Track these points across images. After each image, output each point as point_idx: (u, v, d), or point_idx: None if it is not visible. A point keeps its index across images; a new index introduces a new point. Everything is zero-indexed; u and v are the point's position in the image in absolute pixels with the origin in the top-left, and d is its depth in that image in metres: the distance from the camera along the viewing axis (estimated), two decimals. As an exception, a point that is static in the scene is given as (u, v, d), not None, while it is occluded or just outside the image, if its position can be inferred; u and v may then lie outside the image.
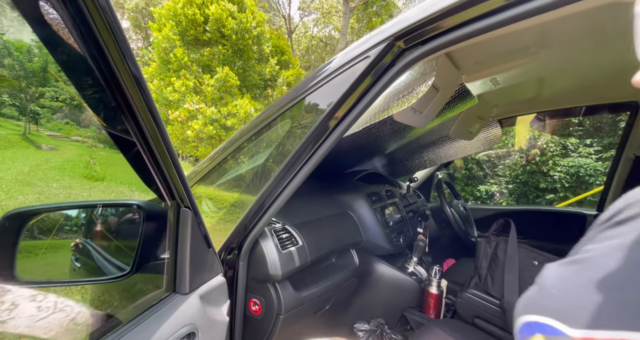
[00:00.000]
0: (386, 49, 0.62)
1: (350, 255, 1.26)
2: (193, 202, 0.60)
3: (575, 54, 0.87)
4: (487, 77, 1.02)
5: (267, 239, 0.88)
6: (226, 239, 0.85)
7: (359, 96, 0.67)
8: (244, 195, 0.89)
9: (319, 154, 0.74)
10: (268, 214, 0.81)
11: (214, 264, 0.73)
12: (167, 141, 0.47)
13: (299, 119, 0.76)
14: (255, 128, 0.84)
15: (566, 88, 1.17)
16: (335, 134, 0.71)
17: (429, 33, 0.59)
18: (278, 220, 0.99)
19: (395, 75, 0.64)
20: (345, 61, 0.67)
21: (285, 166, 0.76)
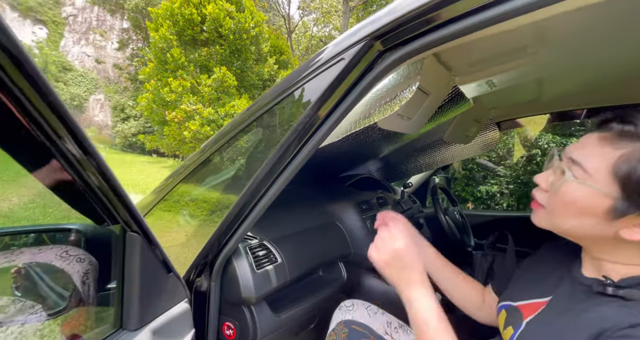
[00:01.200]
0: (363, 51, 0.55)
1: (338, 268, 1.19)
2: (142, 226, 0.52)
3: (576, 55, 0.80)
4: (483, 79, 0.95)
5: (241, 258, 0.81)
6: (195, 256, 0.78)
7: (335, 103, 0.60)
8: (217, 207, 0.81)
9: (294, 165, 0.66)
10: (242, 229, 0.74)
11: (175, 291, 0.66)
12: (93, 152, 0.40)
13: (270, 128, 0.69)
14: (229, 134, 0.77)
15: (567, 90, 1.10)
16: (311, 144, 0.64)
17: (409, 32, 0.51)
18: (255, 235, 0.92)
19: (374, 80, 0.57)
20: (318, 64, 0.60)
21: (258, 178, 0.69)
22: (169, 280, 0.63)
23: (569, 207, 0.47)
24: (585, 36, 0.69)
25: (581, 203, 0.45)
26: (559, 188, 0.48)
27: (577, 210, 0.46)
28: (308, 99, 0.61)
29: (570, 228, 0.48)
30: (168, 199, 0.94)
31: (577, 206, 0.45)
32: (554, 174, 0.50)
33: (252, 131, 0.72)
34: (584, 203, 0.45)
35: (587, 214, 0.45)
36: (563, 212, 0.48)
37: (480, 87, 1.03)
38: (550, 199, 0.50)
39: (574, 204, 0.46)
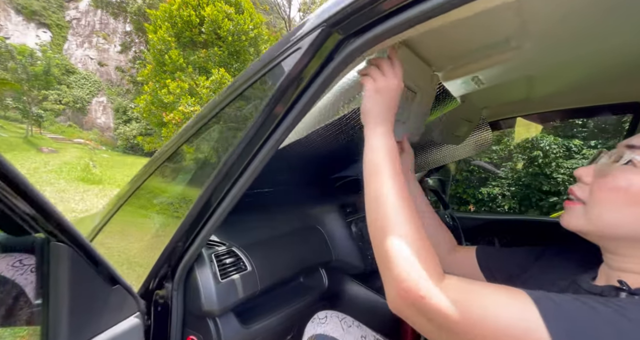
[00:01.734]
0: (320, 39, 0.49)
1: (320, 275, 1.13)
2: (72, 235, 0.47)
3: (563, 50, 0.74)
4: (468, 75, 0.88)
5: (204, 266, 0.75)
6: (153, 265, 0.72)
7: (295, 98, 0.54)
8: (177, 210, 0.76)
9: (253, 166, 0.61)
10: (202, 235, 0.68)
11: (122, 305, 0.61)
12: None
13: (227, 127, 0.63)
14: (189, 132, 0.72)
15: (560, 88, 1.03)
16: (270, 142, 0.58)
17: (368, 18, 0.46)
18: (224, 241, 0.86)
19: (335, 71, 0.51)
20: (275, 55, 0.54)
21: (215, 181, 0.63)
22: (113, 294, 0.58)
23: (620, 195, 0.40)
24: (571, 30, 0.63)
25: (638, 188, 0.39)
26: (609, 172, 0.42)
27: (630, 198, 0.39)
28: (265, 94, 0.55)
29: (613, 221, 0.41)
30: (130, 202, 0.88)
31: (631, 193, 0.39)
32: (603, 164, 0.45)
33: (211, 129, 0.67)
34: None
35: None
36: (610, 201, 0.41)
37: (466, 85, 0.97)
38: (595, 188, 0.43)
39: (627, 189, 0.40)
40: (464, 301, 0.36)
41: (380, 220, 0.45)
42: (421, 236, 0.43)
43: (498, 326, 0.33)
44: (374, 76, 0.51)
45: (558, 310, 0.32)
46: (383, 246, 0.43)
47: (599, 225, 0.43)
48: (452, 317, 0.36)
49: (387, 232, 0.43)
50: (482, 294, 0.37)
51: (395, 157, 0.48)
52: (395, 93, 0.52)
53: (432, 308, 0.37)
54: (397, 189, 0.45)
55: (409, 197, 0.46)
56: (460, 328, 0.36)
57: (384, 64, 0.52)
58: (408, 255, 0.40)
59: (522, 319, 0.33)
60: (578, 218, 0.46)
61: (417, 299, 0.38)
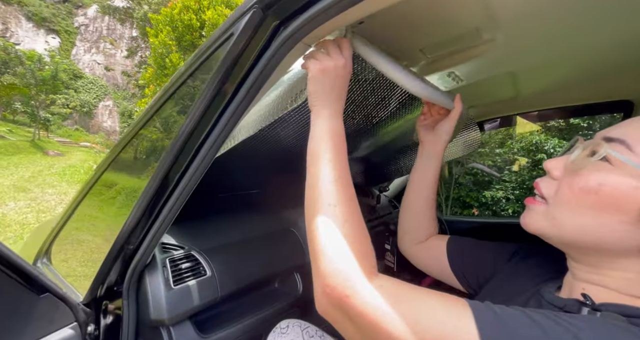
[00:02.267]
0: (252, 23, 0.45)
1: (294, 280, 1.08)
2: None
3: (546, 47, 0.68)
4: (443, 71, 0.83)
5: (155, 272, 0.70)
6: (98, 270, 0.68)
7: (233, 90, 0.50)
8: (123, 206, 0.71)
9: (194, 166, 0.56)
10: (151, 235, 0.63)
11: (54, 315, 0.56)
12: None
13: (167, 124, 0.59)
14: (133, 131, 0.68)
15: (546, 86, 0.98)
16: (211, 138, 0.54)
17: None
18: (184, 244, 0.82)
19: (273, 61, 0.47)
20: (208, 44, 0.50)
21: (154, 184, 0.59)
22: (41, 303, 0.53)
23: (589, 197, 0.34)
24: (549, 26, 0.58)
25: (610, 191, 0.33)
26: (581, 169, 0.36)
27: (600, 202, 0.34)
28: (199, 89, 0.51)
29: (576, 227, 0.36)
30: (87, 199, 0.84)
31: (602, 196, 0.33)
32: (576, 157, 0.38)
33: (151, 127, 0.63)
34: (615, 192, 0.33)
35: (614, 210, 0.33)
36: (577, 203, 0.35)
37: (444, 81, 0.92)
38: (563, 185, 0.38)
39: (599, 191, 0.34)
40: (394, 306, 0.32)
41: (313, 210, 0.41)
42: (356, 230, 0.39)
43: (429, 337, 0.29)
44: (318, 57, 0.47)
45: (498, 327, 0.29)
46: (313, 238, 0.39)
47: (560, 230, 0.38)
48: (378, 323, 0.31)
49: (318, 224, 0.39)
50: (416, 300, 0.33)
51: (339, 141, 0.45)
52: (342, 73, 0.48)
53: (357, 310, 0.33)
54: (335, 177, 0.41)
55: (349, 186, 0.42)
56: (385, 337, 0.31)
57: (329, 44, 0.49)
58: (337, 250, 0.36)
59: (457, 333, 0.29)
60: (538, 219, 0.41)
61: (342, 298, 0.34)
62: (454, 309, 0.31)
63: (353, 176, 1.60)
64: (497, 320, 0.29)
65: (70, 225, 0.86)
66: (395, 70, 0.53)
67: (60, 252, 0.92)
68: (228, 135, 0.54)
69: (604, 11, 0.53)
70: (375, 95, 0.96)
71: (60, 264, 0.92)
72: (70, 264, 0.92)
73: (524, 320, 0.29)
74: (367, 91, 0.92)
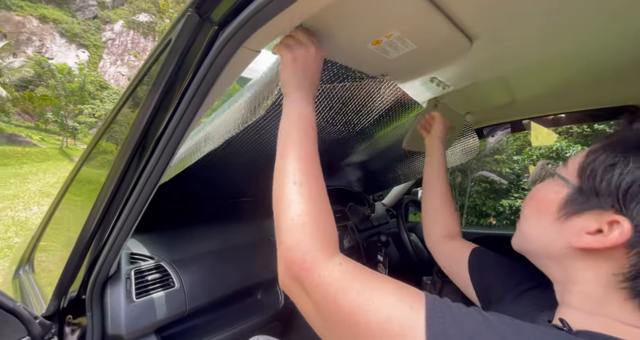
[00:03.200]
0: (188, 27, 0.43)
1: (276, 292, 1.03)
2: None
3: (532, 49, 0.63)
4: (423, 76, 0.79)
5: (116, 283, 0.69)
6: (57, 282, 0.67)
7: (178, 100, 0.48)
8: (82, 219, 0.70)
9: (145, 174, 0.54)
10: (109, 244, 0.61)
11: (2, 330, 0.55)
12: None
13: (120, 131, 0.58)
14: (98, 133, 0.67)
15: (543, 91, 0.91)
16: (158, 150, 0.52)
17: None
18: (155, 254, 0.80)
19: (213, 68, 0.44)
20: (152, 50, 0.48)
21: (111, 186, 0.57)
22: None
23: (531, 204, 0.42)
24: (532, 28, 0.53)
25: (542, 195, 0.41)
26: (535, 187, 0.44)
27: (536, 205, 0.41)
28: (145, 96, 0.49)
29: (528, 231, 0.42)
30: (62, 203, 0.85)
31: (537, 200, 0.41)
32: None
33: (110, 132, 0.62)
34: (544, 195, 0.40)
35: (544, 210, 0.39)
36: (528, 211, 0.43)
37: (428, 87, 0.87)
38: (524, 203, 0.45)
39: (535, 197, 0.42)
40: (349, 282, 0.33)
41: (279, 189, 0.42)
42: (320, 209, 0.40)
43: (376, 319, 0.30)
44: (291, 44, 0.47)
45: (448, 322, 0.28)
46: (278, 215, 0.40)
47: (524, 239, 0.43)
48: (331, 297, 0.32)
49: (283, 201, 0.40)
50: (372, 281, 0.34)
51: (308, 124, 0.45)
52: (313, 61, 0.49)
53: (314, 283, 0.34)
54: (301, 156, 0.42)
55: (314, 168, 0.43)
56: (335, 314, 0.32)
57: (300, 32, 0.48)
58: (299, 226, 0.37)
59: (404, 320, 0.29)
60: (516, 236, 0.45)
61: (301, 271, 0.35)
62: (409, 297, 0.31)
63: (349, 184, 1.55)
64: (450, 317, 0.29)
65: (49, 230, 0.86)
66: None
67: (42, 259, 0.92)
68: (179, 142, 0.52)
69: (601, 8, 0.48)
70: (356, 102, 0.92)
71: (43, 273, 0.93)
72: (52, 273, 0.93)
73: (478, 320, 0.29)
74: (347, 98, 0.89)
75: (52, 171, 10.89)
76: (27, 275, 0.92)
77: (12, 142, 14.05)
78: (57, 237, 0.89)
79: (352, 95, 0.89)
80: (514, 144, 7.94)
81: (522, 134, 7.47)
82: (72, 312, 0.71)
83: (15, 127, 16.43)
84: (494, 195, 7.98)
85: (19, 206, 5.99)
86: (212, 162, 0.92)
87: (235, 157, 0.95)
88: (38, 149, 14.49)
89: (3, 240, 4.37)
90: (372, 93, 0.91)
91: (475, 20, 0.53)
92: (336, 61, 0.69)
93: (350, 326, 0.31)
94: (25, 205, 6.02)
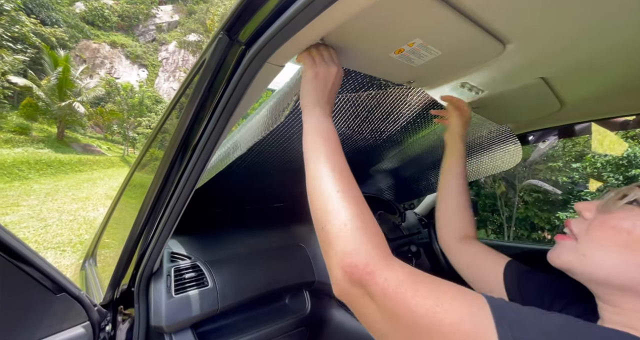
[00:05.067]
0: (220, 48, 0.47)
1: (303, 298, 1.05)
2: (3, 242, 0.51)
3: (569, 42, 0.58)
4: (453, 82, 0.76)
5: (159, 280, 0.76)
6: (111, 276, 0.75)
7: (210, 113, 0.53)
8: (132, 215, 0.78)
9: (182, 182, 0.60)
10: (152, 244, 0.68)
11: (68, 313, 0.64)
12: None
13: (165, 141, 0.64)
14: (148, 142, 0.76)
15: (598, 92, 0.82)
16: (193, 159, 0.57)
17: (259, 17, 0.42)
18: (192, 254, 0.86)
19: (240, 84, 0.48)
20: (189, 72, 0.54)
21: (151, 198, 0.64)
22: (57, 302, 0.61)
23: (621, 236, 0.37)
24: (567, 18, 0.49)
25: (626, 226, 0.37)
26: (613, 209, 0.40)
27: (630, 240, 0.36)
28: (184, 109, 0.55)
29: (606, 264, 0.38)
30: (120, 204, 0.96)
31: (633, 235, 0.36)
32: (608, 199, 0.42)
33: (157, 141, 0.70)
34: (630, 227, 0.36)
35: (626, 244, 0.36)
36: (608, 239, 0.38)
37: (459, 93, 0.83)
38: (596, 223, 0.41)
39: (631, 231, 0.36)
40: (416, 284, 0.33)
41: (319, 200, 0.42)
42: (365, 214, 0.40)
43: (449, 320, 0.30)
44: (315, 60, 0.50)
45: (511, 317, 0.30)
46: (325, 224, 0.40)
47: (589, 265, 0.40)
48: (400, 298, 0.32)
49: (329, 212, 0.40)
50: (437, 283, 0.34)
51: (332, 136, 0.47)
52: (333, 78, 0.51)
53: (380, 286, 0.33)
54: (333, 167, 0.44)
55: (349, 176, 0.44)
56: (404, 315, 0.32)
57: (324, 50, 0.51)
58: (353, 232, 0.38)
59: (475, 319, 0.29)
60: (568, 253, 0.42)
61: (364, 275, 0.35)
62: (475, 300, 0.31)
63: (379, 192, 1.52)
64: (514, 314, 0.30)
65: (108, 228, 0.98)
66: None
67: (102, 254, 1.05)
68: (212, 150, 0.57)
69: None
70: (382, 109, 0.92)
71: (102, 266, 1.06)
72: (109, 267, 1.05)
73: (540, 317, 0.30)
74: (373, 105, 0.89)
75: (115, 176, 12.31)
76: (90, 268, 1.05)
77: (86, 151, 16.22)
78: (114, 235, 1.01)
79: (378, 102, 0.89)
80: (572, 149, 7.09)
81: (582, 139, 6.66)
82: (123, 303, 0.79)
83: (89, 138, 18.99)
84: (548, 206, 7.15)
85: (89, 207, 6.86)
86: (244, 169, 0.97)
87: (265, 166, 0.99)
88: (105, 157, 16.51)
89: (77, 236, 5.03)
90: (398, 100, 0.90)
91: (507, 23, 0.51)
92: (360, 71, 0.70)
93: (421, 327, 0.31)
94: (94, 206, 6.88)
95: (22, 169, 9.47)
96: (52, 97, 14.05)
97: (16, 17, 16.12)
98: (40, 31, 19.61)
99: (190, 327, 0.79)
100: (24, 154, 10.93)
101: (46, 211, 6.22)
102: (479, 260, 0.63)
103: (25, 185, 8.23)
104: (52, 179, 9.72)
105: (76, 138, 17.16)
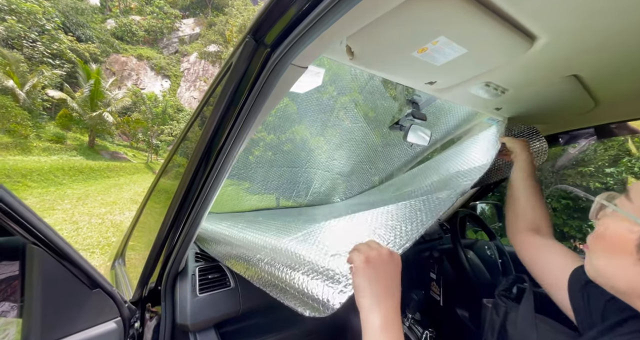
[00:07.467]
0: (246, 51, 0.49)
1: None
2: (47, 237, 0.55)
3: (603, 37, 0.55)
4: (477, 81, 0.74)
5: (184, 279, 0.78)
6: (140, 274, 0.78)
7: (236, 115, 0.55)
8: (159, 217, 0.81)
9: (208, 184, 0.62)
10: (179, 245, 0.71)
11: (103, 308, 0.67)
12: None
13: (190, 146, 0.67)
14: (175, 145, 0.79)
15: (631, 92, 0.77)
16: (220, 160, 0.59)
17: (284, 20, 0.44)
18: (216, 256, 0.88)
19: (265, 85, 0.50)
20: (217, 74, 0.56)
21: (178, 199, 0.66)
22: (94, 297, 0.64)
23: (599, 242, 0.41)
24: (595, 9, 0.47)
25: (610, 235, 0.39)
26: (597, 216, 0.43)
27: (605, 245, 0.40)
28: (210, 115, 0.57)
29: (604, 268, 0.40)
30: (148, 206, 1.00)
31: (606, 240, 0.40)
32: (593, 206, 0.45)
33: (181, 148, 0.72)
34: (612, 235, 0.39)
35: (616, 251, 0.38)
36: (594, 247, 0.42)
37: (484, 92, 0.81)
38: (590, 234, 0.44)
39: (603, 237, 0.40)
40: None
41: None
42: None
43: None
44: (361, 248, 0.48)
45: None
46: None
47: (598, 274, 0.41)
48: None
49: None
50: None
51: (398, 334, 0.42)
52: (388, 261, 0.46)
53: None
54: None
55: None
56: None
57: (371, 240, 0.50)
58: None
59: None
60: (585, 264, 0.44)
61: None
62: None
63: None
64: None
65: (135, 231, 1.03)
66: None
67: (130, 255, 1.10)
68: (234, 156, 0.59)
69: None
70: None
71: (130, 266, 1.10)
72: (137, 266, 1.09)
73: None
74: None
75: (140, 182, 12.87)
76: (120, 267, 1.10)
77: (114, 158, 17.13)
78: (141, 238, 1.05)
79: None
80: (605, 153, 6.66)
81: (616, 142, 6.25)
82: (151, 300, 0.82)
83: (116, 146, 20.07)
84: (579, 214, 6.71)
85: (116, 211, 7.21)
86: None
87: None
88: (131, 163, 17.32)
89: (105, 239, 5.29)
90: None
91: (536, 18, 0.49)
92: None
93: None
94: (120, 210, 7.22)
95: (57, 175, 10.12)
96: (85, 107, 15.02)
97: (55, 36, 17.50)
98: (75, 47, 21.15)
99: (214, 326, 0.80)
100: (59, 161, 11.69)
101: (78, 214, 6.59)
102: (545, 254, 0.63)
103: (60, 191, 8.78)
104: (83, 185, 10.32)
105: (105, 146, 18.18)
